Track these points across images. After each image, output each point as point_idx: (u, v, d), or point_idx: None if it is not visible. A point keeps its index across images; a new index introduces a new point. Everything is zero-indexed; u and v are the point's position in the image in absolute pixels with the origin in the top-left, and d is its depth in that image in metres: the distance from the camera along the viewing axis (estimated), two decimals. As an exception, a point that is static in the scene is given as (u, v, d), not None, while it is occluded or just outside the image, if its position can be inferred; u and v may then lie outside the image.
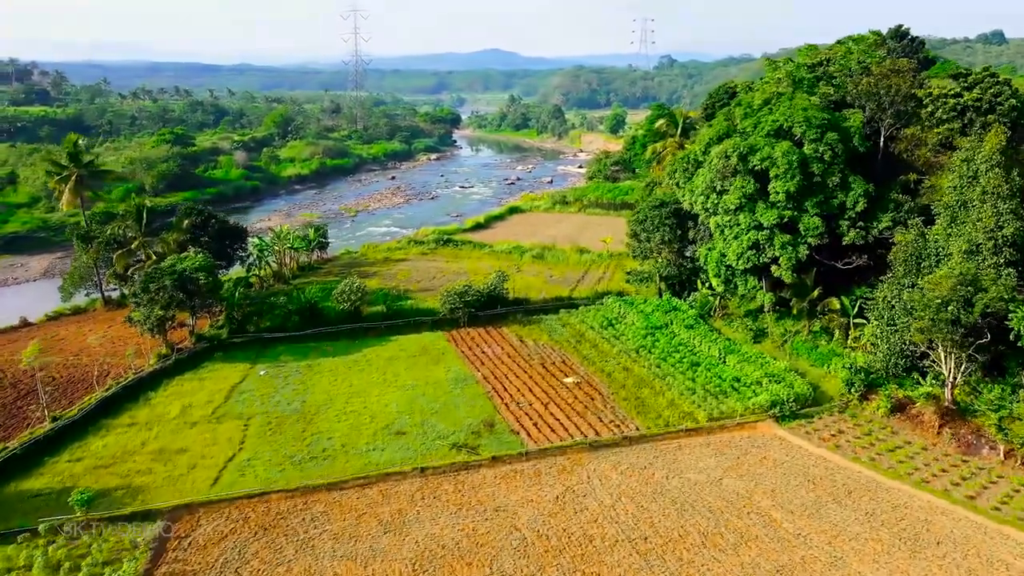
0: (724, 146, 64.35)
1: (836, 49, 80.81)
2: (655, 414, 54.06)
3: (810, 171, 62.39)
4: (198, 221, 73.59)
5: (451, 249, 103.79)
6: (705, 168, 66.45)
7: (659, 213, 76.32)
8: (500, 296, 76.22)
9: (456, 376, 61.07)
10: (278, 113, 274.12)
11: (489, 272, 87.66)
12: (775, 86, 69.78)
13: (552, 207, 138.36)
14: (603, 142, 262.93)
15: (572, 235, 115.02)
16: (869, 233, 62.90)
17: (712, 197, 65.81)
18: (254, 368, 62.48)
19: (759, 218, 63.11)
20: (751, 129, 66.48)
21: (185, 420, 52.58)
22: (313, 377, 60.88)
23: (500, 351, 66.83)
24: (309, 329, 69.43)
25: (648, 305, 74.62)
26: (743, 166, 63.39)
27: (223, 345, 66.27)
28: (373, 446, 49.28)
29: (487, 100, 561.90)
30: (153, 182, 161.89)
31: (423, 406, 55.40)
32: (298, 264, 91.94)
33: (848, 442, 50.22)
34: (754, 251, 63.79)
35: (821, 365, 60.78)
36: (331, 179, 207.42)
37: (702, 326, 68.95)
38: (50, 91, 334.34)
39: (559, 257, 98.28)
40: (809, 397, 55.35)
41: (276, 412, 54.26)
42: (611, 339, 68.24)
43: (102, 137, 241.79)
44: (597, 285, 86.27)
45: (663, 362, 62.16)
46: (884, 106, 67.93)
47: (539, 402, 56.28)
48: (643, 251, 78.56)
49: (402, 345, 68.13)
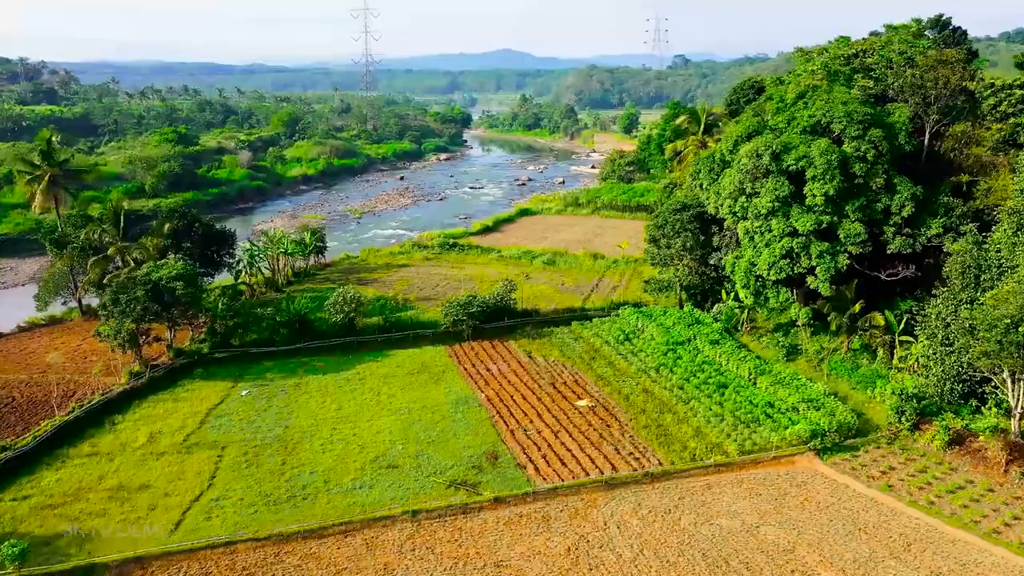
0: (754, 144, 58.21)
1: (872, 40, 74.34)
2: (679, 445, 47.97)
3: (851, 172, 56.14)
4: (180, 225, 68.14)
5: (457, 254, 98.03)
6: (733, 168, 60.32)
7: (680, 217, 70.18)
8: (507, 307, 70.37)
9: (457, 398, 55.23)
10: (286, 112, 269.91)
11: (496, 279, 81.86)
12: (809, 78, 63.51)
13: (564, 209, 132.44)
14: (616, 142, 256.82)
15: (585, 239, 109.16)
16: (916, 241, 56.54)
17: (741, 200, 59.67)
18: (236, 387, 56.90)
19: (794, 223, 56.89)
20: (784, 125, 60.29)
21: (152, 449, 46.99)
22: (300, 398, 55.22)
23: (506, 368, 60.95)
24: (299, 343, 63.79)
25: (668, 317, 68.50)
26: (776, 166, 57.22)
27: (204, 361, 60.74)
28: (360, 482, 43.49)
29: (499, 100, 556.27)
30: (153, 182, 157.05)
31: (419, 433, 49.59)
32: (293, 270, 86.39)
33: (902, 481, 43.95)
34: (788, 260, 57.58)
35: (864, 388, 54.45)
36: (338, 179, 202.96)
37: (728, 341, 62.77)
38: (58, 90, 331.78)
39: (571, 263, 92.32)
40: (853, 426, 49.09)
41: (255, 440, 48.59)
42: (628, 356, 62.22)
43: (107, 136, 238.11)
44: (612, 294, 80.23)
45: (686, 383, 56.06)
46: (930, 100, 61.55)
47: (549, 429, 50.33)
48: (662, 258, 72.46)
49: (400, 361, 62.39)
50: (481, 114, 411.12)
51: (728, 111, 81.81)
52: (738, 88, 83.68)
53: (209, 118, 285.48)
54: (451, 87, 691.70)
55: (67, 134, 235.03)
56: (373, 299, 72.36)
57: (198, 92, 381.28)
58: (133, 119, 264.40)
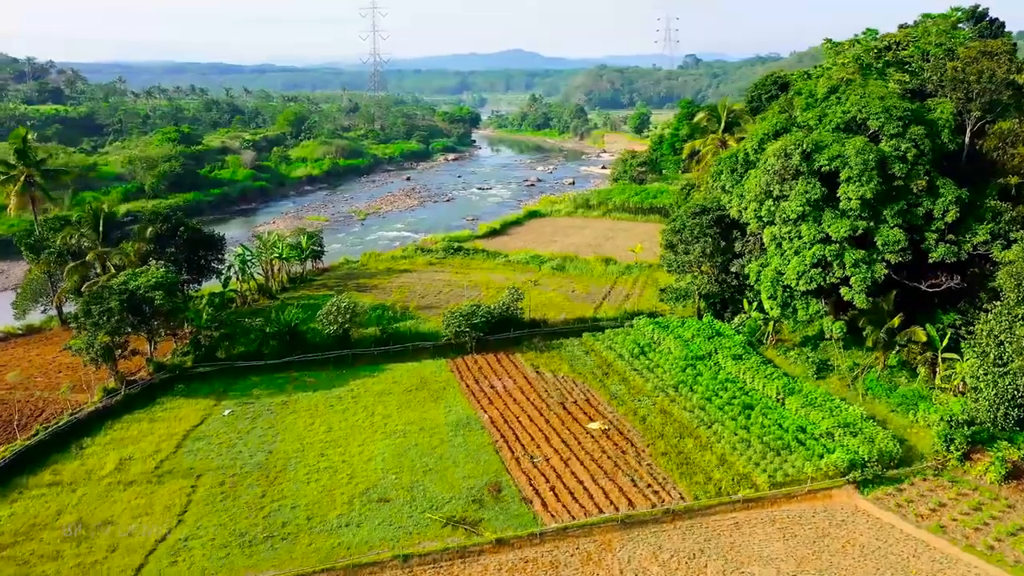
0: (783, 142, 53.38)
1: (907, 31, 69.29)
2: (702, 476, 43.22)
3: (890, 173, 51.25)
4: (164, 229, 63.85)
5: (461, 259, 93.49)
6: (759, 169, 55.52)
7: (700, 221, 65.40)
8: (514, 317, 65.74)
9: (458, 419, 50.65)
10: (292, 112, 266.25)
11: (503, 286, 77.44)
12: (841, 71, 58.60)
13: (574, 211, 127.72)
14: (627, 142, 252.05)
15: (596, 243, 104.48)
16: (962, 248, 51.57)
17: (767, 204, 54.85)
18: (219, 405, 52.50)
19: (826, 229, 52.02)
20: (814, 122, 55.44)
21: (120, 478, 42.62)
22: (287, 418, 50.75)
23: (512, 385, 56.34)
24: (290, 356, 59.35)
25: (687, 329, 63.72)
26: (807, 166, 52.40)
27: (186, 376, 56.38)
28: (347, 519, 38.98)
29: (509, 100, 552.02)
30: (153, 182, 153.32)
31: (415, 460, 45.03)
32: (288, 276, 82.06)
33: (955, 521, 39.07)
34: (819, 269, 52.71)
35: (905, 411, 49.49)
36: (344, 180, 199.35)
37: (752, 356, 57.94)
38: (64, 89, 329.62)
39: (582, 269, 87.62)
40: (895, 455, 44.22)
41: (234, 467, 44.16)
42: (644, 371, 57.49)
43: (112, 136, 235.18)
44: (625, 302, 75.47)
45: (708, 403, 51.28)
46: (972, 95, 56.55)
47: (558, 456, 45.68)
48: (680, 265, 67.67)
49: (397, 376, 57.87)
50: (490, 114, 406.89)
51: (749, 108, 76.93)
52: (759, 84, 78.78)
53: (216, 118, 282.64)
54: (461, 87, 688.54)
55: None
56: (370, 308, 67.75)
57: (205, 91, 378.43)
58: (139, 119, 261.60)
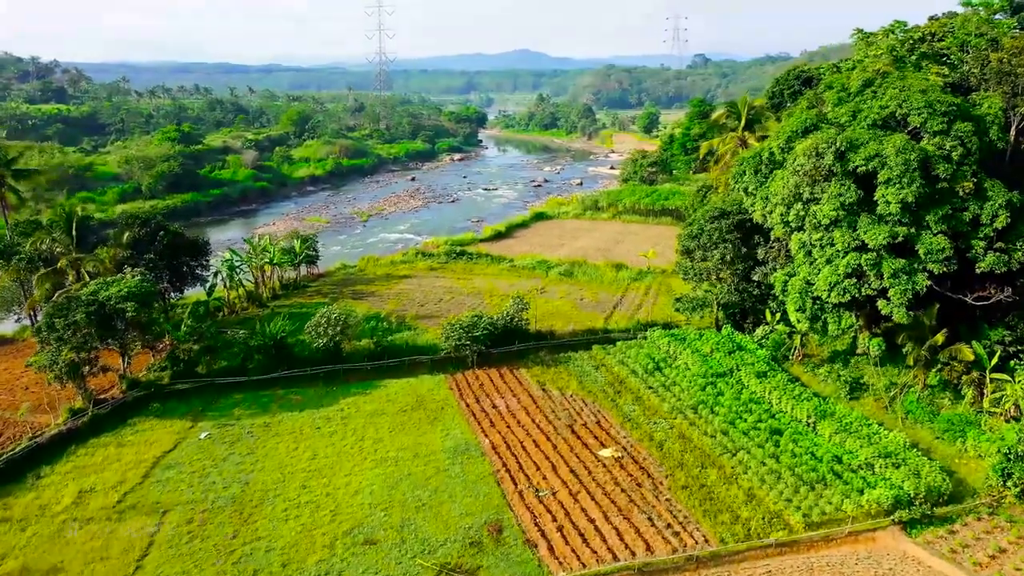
0: (814, 141, 48.56)
1: (942, 21, 64.33)
2: (728, 515, 38.50)
3: (933, 174, 46.38)
4: (142, 233, 59.49)
5: (464, 263, 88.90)
6: (787, 169, 50.72)
7: (719, 226, 60.72)
8: (518, 328, 61.16)
9: (456, 444, 46.06)
10: (295, 111, 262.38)
11: (507, 293, 72.89)
12: (876, 63, 53.74)
13: (582, 213, 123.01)
14: (636, 142, 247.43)
15: (606, 247, 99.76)
16: (1012, 257, 46.65)
17: (796, 207, 50.04)
18: (195, 427, 48.08)
19: (862, 236, 47.18)
20: (848, 119, 50.59)
21: (77, 514, 38.22)
22: (268, 442, 46.27)
23: (516, 404, 51.73)
24: (276, 372, 54.86)
25: (705, 342, 58.98)
26: (840, 167, 47.60)
27: (163, 394, 51.98)
28: (328, 566, 34.42)
29: (516, 100, 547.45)
30: (151, 183, 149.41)
31: (407, 494, 40.46)
32: (281, 282, 77.62)
33: (1018, 571, 34.26)
34: (854, 280, 47.91)
35: (952, 439, 44.65)
36: (347, 180, 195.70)
37: (778, 374, 53.13)
38: (67, 89, 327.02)
39: (591, 275, 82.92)
40: (945, 491, 39.41)
41: (205, 501, 39.70)
42: (659, 389, 52.77)
43: (114, 136, 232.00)
44: (638, 312, 70.75)
45: (732, 427, 46.54)
46: (1019, 90, 51.72)
47: (566, 489, 41.03)
48: (697, 272, 62.95)
49: (391, 394, 53.32)
50: (497, 114, 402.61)
51: (770, 104, 72.10)
52: (781, 79, 73.85)
53: (219, 117, 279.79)
54: (467, 87, 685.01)
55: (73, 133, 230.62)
56: (363, 318, 63.04)
57: (209, 91, 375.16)
58: (141, 118, 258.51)
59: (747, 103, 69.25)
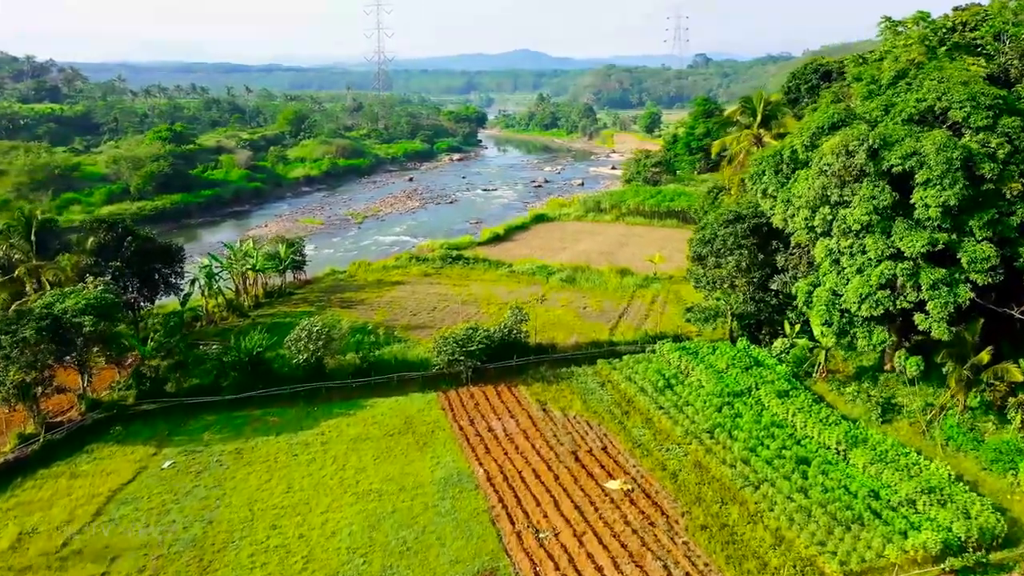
0: (843, 138, 43.94)
1: (974, 9, 59.74)
2: (755, 561, 33.84)
3: (977, 174, 41.85)
4: (107, 239, 54.96)
5: (460, 268, 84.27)
6: (812, 169, 46.08)
7: (734, 231, 56.15)
8: (517, 341, 56.56)
9: (447, 474, 41.45)
10: (291, 110, 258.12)
11: (505, 302, 68.50)
12: (909, 52, 49.13)
13: (585, 215, 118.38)
14: (637, 142, 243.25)
15: (609, 250, 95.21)
16: (1064, 267, 42.15)
17: (823, 211, 45.42)
18: (159, 455, 43.47)
19: (897, 243, 42.62)
20: (879, 114, 46.05)
21: (13, 562, 33.56)
22: (239, 472, 41.68)
23: (514, 427, 47.12)
24: (252, 390, 50.22)
25: (719, 357, 54.37)
26: (873, 167, 43.01)
27: (127, 415, 47.42)
28: (295, 626, 29.88)
29: (516, 100, 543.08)
30: (139, 183, 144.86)
31: (390, 536, 35.83)
32: (265, 289, 72.96)
33: (1094, 633, 29.70)
34: (887, 291, 43.34)
35: (1002, 470, 39.96)
36: (344, 180, 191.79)
37: (801, 393, 48.47)
38: (62, 88, 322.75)
39: (595, 281, 78.29)
40: (999, 533, 34.79)
41: (161, 545, 35.05)
42: (671, 410, 48.12)
43: (107, 135, 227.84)
44: (645, 322, 66.19)
45: (753, 455, 41.91)
46: (1063, 82, 47.21)
47: (570, 529, 36.38)
48: (710, 280, 58.36)
49: (378, 415, 48.69)
50: (497, 114, 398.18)
51: (787, 100, 67.41)
52: (798, 73, 69.33)
53: (216, 117, 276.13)
54: (468, 87, 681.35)
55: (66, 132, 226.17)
56: (349, 330, 58.21)
57: (206, 90, 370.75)
58: (136, 118, 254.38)
59: (763, 98, 64.57)
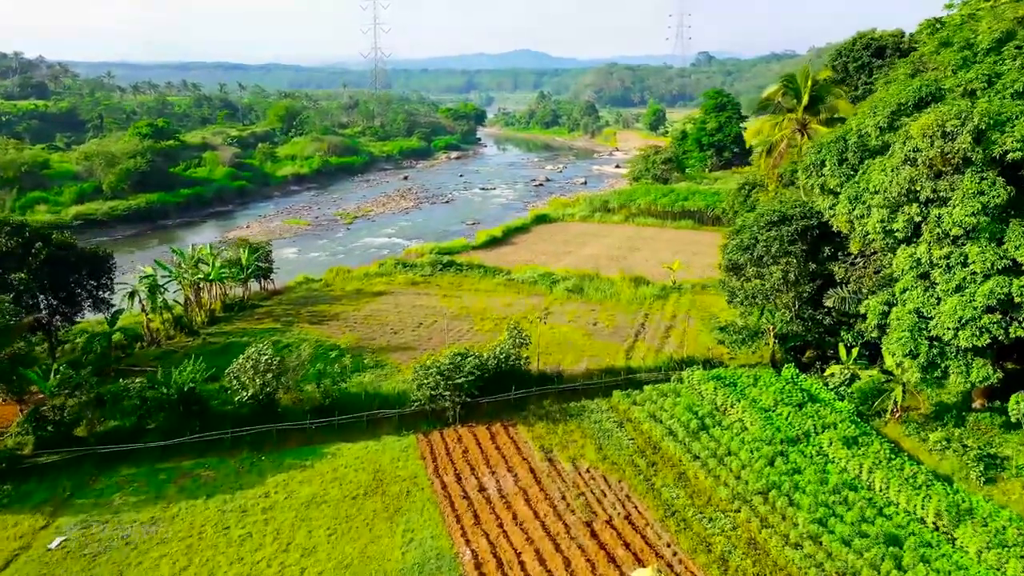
0: (937, 117, 33.90)
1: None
2: None
3: (1119, 162, 31.91)
4: (11, 245, 44.84)
5: (452, 276, 74.13)
6: (893, 157, 36.09)
7: (779, 234, 46.21)
8: (515, 368, 46.53)
9: (423, 557, 31.38)
10: (282, 106, 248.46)
11: (503, 316, 58.83)
12: (1017, 8, 38.98)
13: (590, 215, 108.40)
14: (641, 140, 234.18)
15: (620, 255, 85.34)
16: None
17: (908, 210, 35.42)
18: (49, 527, 33.44)
19: (1012, 253, 32.66)
20: (981, 85, 36.06)
21: None
22: (150, 552, 31.66)
23: (512, 485, 37.10)
24: (184, 435, 40.14)
25: (764, 390, 44.33)
26: (979, 153, 33.06)
27: (21, 468, 37.43)
28: None
29: (516, 100, 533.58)
30: (113, 181, 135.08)
31: (338, 660, 25.87)
32: (224, 302, 62.82)
33: None
34: (999, 315, 33.38)
35: None
36: (336, 179, 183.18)
37: (874, 440, 38.40)
38: (48, 84, 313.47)
39: (605, 291, 68.23)
40: None
41: (17, 676, 25.23)
42: (710, 462, 38.09)
43: (91, 132, 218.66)
44: (666, 341, 56.14)
45: (825, 531, 31.86)
46: None
47: (587, 648, 26.46)
48: (749, 295, 48.39)
49: (340, 467, 38.66)
50: (497, 112, 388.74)
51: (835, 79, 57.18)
52: (845, 50, 59.29)
53: (206, 114, 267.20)
54: (468, 86, 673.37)
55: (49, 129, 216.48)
56: (311, 356, 47.65)
57: (197, 87, 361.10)
58: (123, 115, 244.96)
59: (809, 75, 53.99)
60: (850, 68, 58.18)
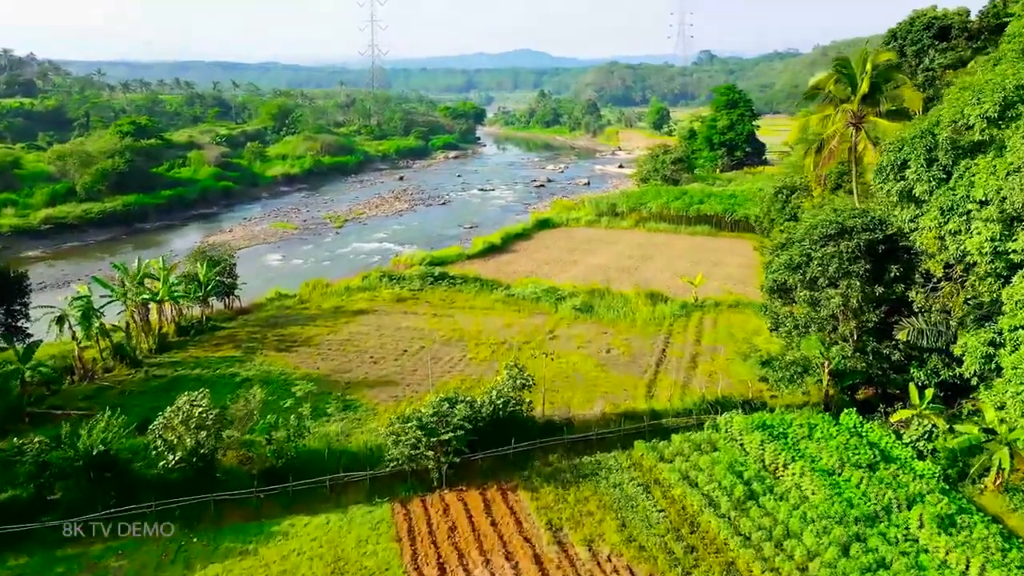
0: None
1: None
2: None
3: None
4: None
5: (444, 291, 65.55)
6: (1009, 156, 27.63)
7: (837, 251, 37.76)
8: (516, 415, 38.02)
9: None
10: (275, 104, 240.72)
11: (501, 340, 50.75)
12: None
13: (597, 219, 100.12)
14: (644, 139, 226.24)
15: (632, 265, 77.05)
16: None
17: (1033, 227, 27.01)
18: None
19: None
20: None
21: None
22: None
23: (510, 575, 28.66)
24: (94, 510, 31.55)
25: (823, 444, 35.76)
26: None
27: None
28: None
29: (516, 99, 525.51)
30: (89, 182, 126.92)
31: None
32: (179, 324, 54.26)
33: None
34: None
35: None
36: (329, 179, 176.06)
37: (976, 521, 29.90)
38: (37, 82, 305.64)
39: (618, 309, 59.76)
40: None
41: None
42: (765, 547, 29.60)
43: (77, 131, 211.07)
44: (693, 373, 47.61)
45: (935, 663, 23.46)
46: None
47: None
48: (801, 323, 39.94)
49: (291, 554, 30.10)
50: (497, 111, 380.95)
51: (896, 64, 48.41)
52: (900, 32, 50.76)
53: (198, 112, 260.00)
54: (468, 86, 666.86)
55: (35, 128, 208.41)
56: (261, 403, 37.88)
57: (190, 85, 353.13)
58: (111, 113, 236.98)
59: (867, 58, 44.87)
60: (907, 52, 49.83)
